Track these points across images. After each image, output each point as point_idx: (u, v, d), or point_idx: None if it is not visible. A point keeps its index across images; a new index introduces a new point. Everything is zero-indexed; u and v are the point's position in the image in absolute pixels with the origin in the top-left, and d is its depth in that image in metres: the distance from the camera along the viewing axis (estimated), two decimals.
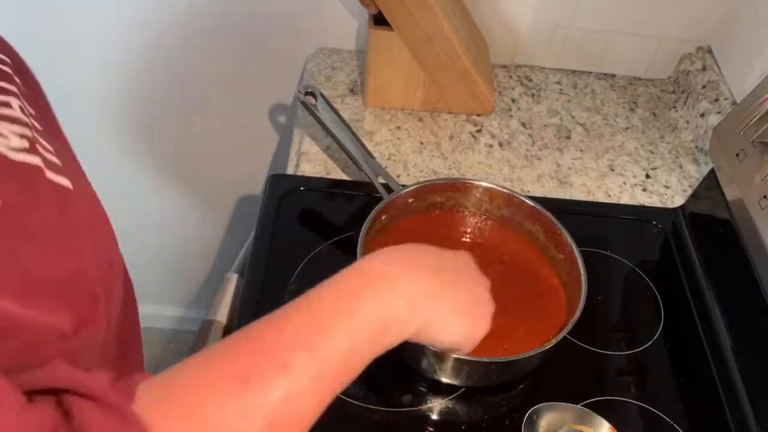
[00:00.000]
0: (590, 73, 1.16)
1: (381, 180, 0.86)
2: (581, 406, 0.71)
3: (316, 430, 0.71)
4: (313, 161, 0.97)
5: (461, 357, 0.68)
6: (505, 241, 0.84)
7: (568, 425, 0.70)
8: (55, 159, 0.46)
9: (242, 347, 0.41)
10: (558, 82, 1.14)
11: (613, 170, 1.01)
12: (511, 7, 1.08)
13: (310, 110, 0.86)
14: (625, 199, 0.97)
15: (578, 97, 1.12)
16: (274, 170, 1.32)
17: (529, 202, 0.83)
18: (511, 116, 1.07)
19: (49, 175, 0.44)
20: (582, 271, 0.75)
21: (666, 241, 0.92)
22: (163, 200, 1.42)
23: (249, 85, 1.21)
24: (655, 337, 0.81)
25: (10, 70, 0.49)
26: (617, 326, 0.83)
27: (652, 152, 1.04)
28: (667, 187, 0.99)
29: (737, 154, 0.79)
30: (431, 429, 0.72)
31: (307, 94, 0.87)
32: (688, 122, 1.07)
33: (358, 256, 0.72)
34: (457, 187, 0.84)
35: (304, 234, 0.87)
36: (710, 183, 0.88)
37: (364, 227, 0.75)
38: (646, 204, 0.96)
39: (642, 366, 0.79)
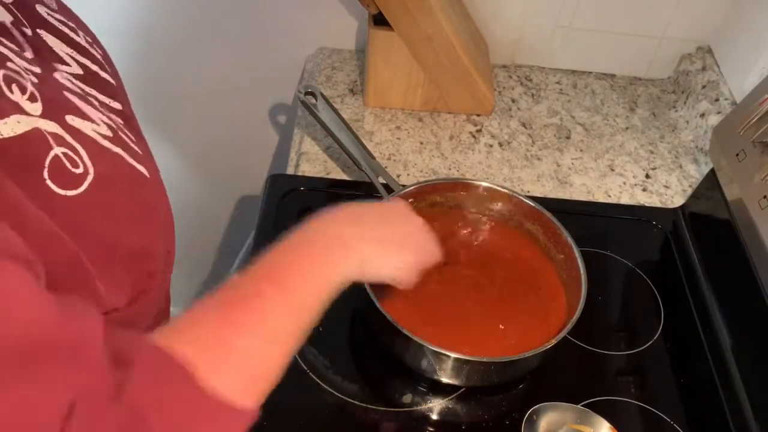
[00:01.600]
0: (590, 73, 1.16)
1: (381, 180, 0.86)
2: (581, 406, 0.71)
3: (317, 428, 0.72)
4: (313, 161, 0.97)
5: (461, 357, 0.68)
6: (505, 240, 0.84)
7: (568, 425, 0.70)
8: (136, 148, 0.55)
9: (229, 288, 0.49)
10: (558, 82, 1.14)
11: (613, 170, 1.01)
12: (511, 7, 1.08)
13: (311, 110, 0.87)
14: (625, 199, 0.97)
15: (578, 97, 1.12)
16: (274, 170, 1.32)
17: (528, 202, 0.83)
18: (511, 116, 1.07)
19: (130, 161, 0.53)
20: (582, 271, 0.75)
21: (666, 241, 0.92)
22: None
23: (249, 85, 1.21)
24: (655, 337, 0.81)
25: (97, 67, 0.57)
26: (617, 326, 0.83)
27: (652, 152, 1.04)
28: (667, 187, 0.99)
29: (737, 154, 0.79)
30: (431, 429, 0.72)
31: (307, 93, 0.87)
32: (688, 122, 1.07)
33: None
34: (457, 187, 0.85)
35: None
36: (710, 183, 0.88)
37: None
38: (646, 204, 0.96)
39: (642, 366, 0.79)
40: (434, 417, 0.72)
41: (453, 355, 0.68)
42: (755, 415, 0.72)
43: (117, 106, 0.57)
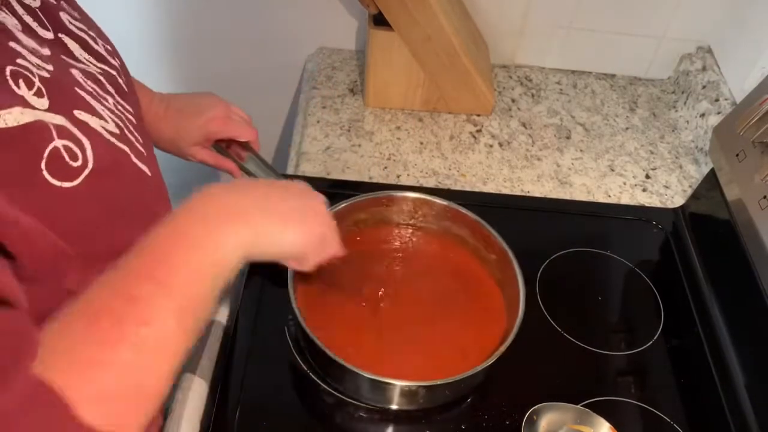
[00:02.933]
0: (590, 73, 1.16)
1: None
2: (581, 406, 0.71)
3: (317, 428, 0.72)
4: (313, 161, 0.96)
5: (397, 383, 0.66)
6: (435, 249, 0.83)
7: (568, 425, 0.70)
8: (141, 149, 0.56)
9: (95, 291, 0.44)
10: (558, 82, 1.14)
11: (613, 170, 1.01)
12: (511, 7, 1.08)
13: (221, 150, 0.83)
14: (625, 199, 0.97)
15: (578, 97, 1.12)
16: None
17: (454, 206, 0.81)
18: (511, 116, 1.07)
19: (134, 159, 0.54)
20: (517, 269, 0.75)
21: (666, 241, 0.92)
22: None
23: (249, 84, 1.21)
24: (655, 337, 0.81)
25: (115, 73, 0.59)
26: (617, 326, 0.83)
27: (652, 152, 1.04)
28: (667, 187, 0.99)
29: (737, 154, 0.79)
30: (431, 428, 0.72)
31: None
32: (688, 122, 1.07)
33: (289, 289, 0.70)
34: (379, 202, 0.82)
35: None
36: (710, 183, 0.88)
37: None
38: (646, 204, 0.96)
39: (642, 366, 0.79)
40: (434, 417, 0.72)
41: (396, 383, 0.66)
42: (755, 415, 0.72)
43: (129, 108, 0.58)
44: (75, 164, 0.46)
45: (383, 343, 0.73)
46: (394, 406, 0.71)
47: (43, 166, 0.44)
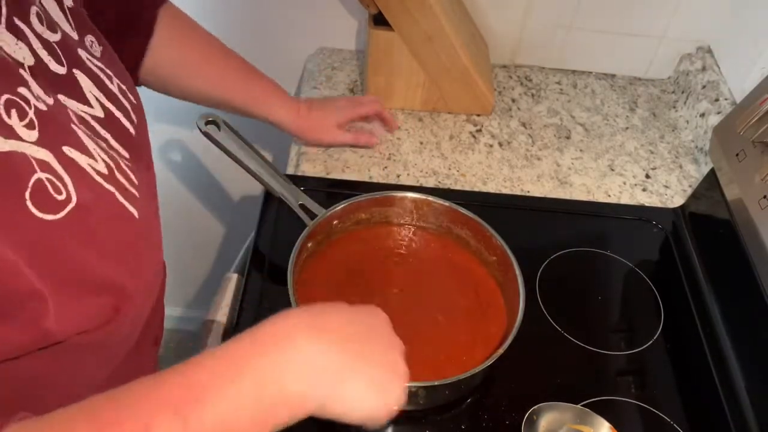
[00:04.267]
0: (590, 73, 1.17)
1: (300, 202, 0.82)
2: (581, 406, 0.71)
3: (317, 428, 0.71)
4: (313, 161, 0.97)
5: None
6: (434, 249, 0.83)
7: (568, 425, 0.70)
8: (133, 190, 0.54)
9: (113, 399, 0.39)
10: (558, 82, 1.14)
11: (613, 170, 1.01)
12: (512, 6, 1.08)
13: (213, 140, 0.81)
14: (625, 199, 0.97)
15: (578, 97, 1.12)
16: None
17: (455, 207, 0.81)
18: (511, 116, 1.07)
19: (121, 200, 0.52)
20: (517, 268, 0.75)
21: (666, 241, 0.92)
22: (164, 201, 1.42)
23: None
24: (655, 337, 0.81)
25: (121, 114, 0.58)
26: (617, 326, 0.83)
27: (652, 152, 1.04)
28: (667, 187, 0.99)
29: (737, 154, 0.79)
30: (431, 428, 0.72)
31: (208, 123, 0.81)
32: (688, 122, 1.07)
33: (289, 290, 0.69)
34: (381, 202, 0.82)
35: None
36: (710, 183, 0.88)
37: (291, 258, 0.73)
38: (646, 204, 0.96)
39: (642, 366, 0.79)
40: (434, 417, 0.72)
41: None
42: (755, 414, 0.72)
43: (125, 154, 0.57)
44: (59, 197, 0.46)
45: None
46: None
47: (27, 196, 0.43)
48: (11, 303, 0.42)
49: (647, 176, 1.00)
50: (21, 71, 0.47)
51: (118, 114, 0.58)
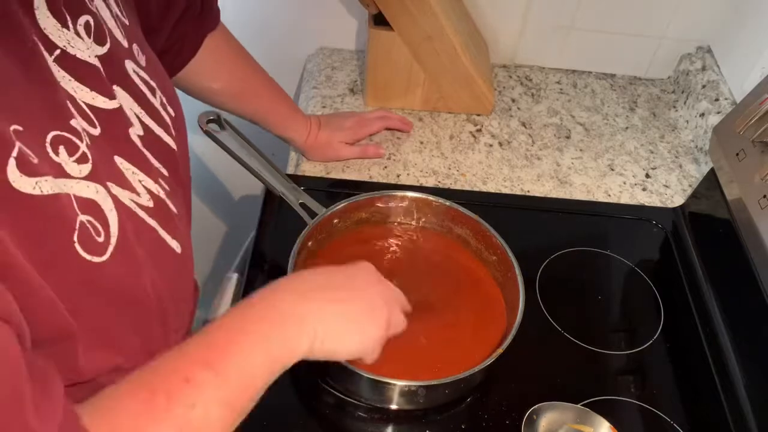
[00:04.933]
0: (590, 72, 1.17)
1: (301, 201, 0.82)
2: (581, 406, 0.71)
3: (317, 428, 0.72)
4: (313, 161, 0.97)
5: (393, 383, 0.66)
6: (436, 248, 0.83)
7: (568, 425, 0.70)
8: (176, 221, 0.57)
9: (150, 367, 0.45)
10: (558, 82, 1.14)
11: (613, 170, 1.01)
12: (512, 7, 1.08)
13: (215, 138, 0.81)
14: (625, 199, 0.97)
15: (578, 96, 1.12)
16: None
17: (455, 207, 0.81)
18: (511, 116, 1.07)
19: (163, 235, 0.55)
20: (517, 268, 0.75)
21: (666, 241, 0.92)
22: None
23: None
24: (655, 337, 0.81)
25: (162, 131, 0.58)
26: (617, 326, 0.83)
27: (652, 152, 1.04)
28: (667, 186, 0.99)
29: (737, 154, 0.79)
30: (431, 428, 0.72)
31: (210, 121, 0.81)
32: (688, 122, 1.07)
33: None
34: (381, 201, 0.82)
35: None
36: (710, 183, 0.88)
37: (291, 257, 0.73)
38: (646, 204, 0.96)
39: (642, 366, 0.79)
40: (434, 416, 0.72)
41: (396, 383, 0.66)
42: (755, 414, 0.72)
43: (164, 171, 0.58)
44: (99, 239, 0.47)
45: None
46: (394, 406, 0.71)
47: (75, 238, 0.44)
48: (46, 337, 0.43)
49: (647, 176, 1.00)
50: (69, 103, 0.47)
51: (158, 131, 0.58)
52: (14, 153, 0.40)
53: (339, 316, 0.56)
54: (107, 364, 0.50)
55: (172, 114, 0.62)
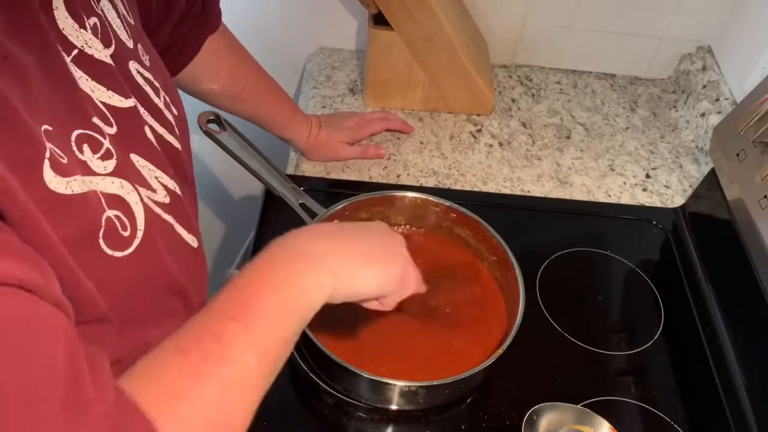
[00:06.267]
0: (590, 72, 1.16)
1: (301, 201, 0.82)
2: (581, 406, 0.71)
3: (317, 428, 0.71)
4: (312, 161, 0.96)
5: (397, 383, 0.67)
6: (435, 248, 0.83)
7: (568, 425, 0.70)
8: (191, 218, 0.58)
9: (186, 328, 0.46)
10: (558, 82, 1.14)
11: (613, 170, 1.01)
12: (511, 7, 1.08)
13: (214, 138, 0.81)
14: (625, 199, 0.96)
15: (578, 96, 1.12)
16: None
17: (456, 207, 0.81)
18: (511, 116, 1.07)
19: (179, 230, 0.56)
20: (517, 269, 0.75)
21: (666, 241, 0.92)
22: None
23: None
24: (655, 337, 0.81)
25: (166, 131, 0.59)
26: (617, 326, 0.83)
27: (652, 152, 1.04)
28: (667, 186, 0.99)
29: (737, 154, 0.79)
30: (431, 428, 0.72)
31: (209, 121, 0.80)
32: (688, 122, 1.07)
33: None
34: (381, 201, 0.82)
35: None
36: (710, 183, 0.88)
37: None
38: (647, 204, 0.96)
39: (642, 366, 0.79)
40: (434, 417, 0.72)
41: (396, 383, 0.66)
42: (755, 414, 0.72)
43: (171, 170, 0.58)
44: (125, 234, 0.47)
45: (383, 343, 0.73)
46: (393, 406, 0.71)
47: (100, 235, 0.45)
48: (83, 323, 0.44)
49: (647, 176, 1.00)
50: (87, 103, 0.48)
51: (161, 131, 0.58)
52: (47, 154, 0.41)
53: (358, 254, 0.56)
54: (137, 345, 0.50)
55: (176, 113, 0.62)
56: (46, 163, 0.41)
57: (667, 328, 0.82)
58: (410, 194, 0.82)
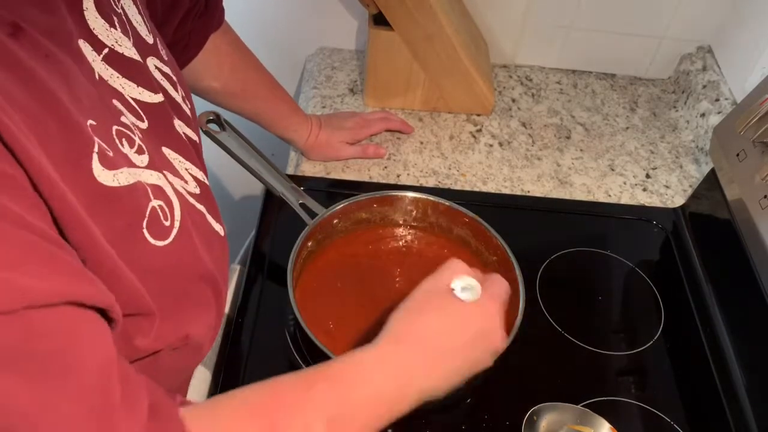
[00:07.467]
0: (590, 73, 1.16)
1: (301, 201, 0.82)
2: (581, 406, 0.71)
3: None
4: (312, 161, 0.96)
5: None
6: (434, 248, 0.83)
7: (568, 425, 0.70)
8: (217, 209, 0.59)
9: (275, 398, 0.48)
10: (558, 82, 1.14)
11: (613, 170, 1.01)
12: (512, 7, 1.08)
13: (214, 138, 0.81)
14: (625, 199, 0.96)
15: (578, 97, 1.12)
16: None
17: (456, 207, 0.81)
18: (511, 116, 1.07)
19: (209, 219, 0.58)
20: (517, 269, 0.75)
21: (666, 241, 0.92)
22: None
23: None
24: (655, 337, 0.81)
25: (182, 124, 0.59)
26: (617, 326, 0.83)
27: (652, 152, 1.04)
28: (667, 186, 0.99)
29: (737, 154, 0.79)
30: (431, 428, 0.72)
31: (209, 121, 0.81)
32: (688, 122, 1.07)
33: (288, 289, 0.70)
34: (381, 201, 0.82)
35: None
36: (710, 183, 0.88)
37: (291, 257, 0.73)
38: (646, 204, 0.96)
39: (642, 366, 0.79)
40: (435, 417, 0.72)
41: None
42: (755, 414, 0.72)
43: (198, 162, 0.60)
44: (166, 223, 0.48)
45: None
46: None
47: (144, 224, 0.46)
48: (126, 315, 0.44)
49: (648, 176, 1.00)
50: (115, 101, 0.48)
51: (182, 124, 0.59)
52: (96, 148, 0.42)
53: (450, 372, 0.58)
54: (176, 336, 0.52)
55: (189, 106, 0.63)
56: (95, 156, 0.42)
57: (667, 328, 0.82)
58: (410, 194, 0.82)
